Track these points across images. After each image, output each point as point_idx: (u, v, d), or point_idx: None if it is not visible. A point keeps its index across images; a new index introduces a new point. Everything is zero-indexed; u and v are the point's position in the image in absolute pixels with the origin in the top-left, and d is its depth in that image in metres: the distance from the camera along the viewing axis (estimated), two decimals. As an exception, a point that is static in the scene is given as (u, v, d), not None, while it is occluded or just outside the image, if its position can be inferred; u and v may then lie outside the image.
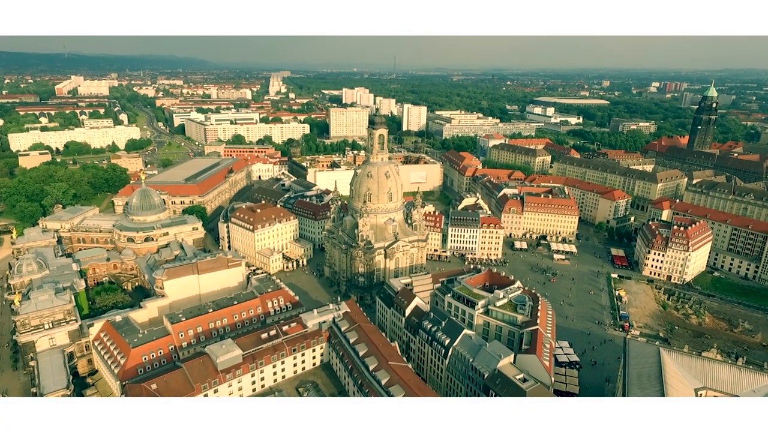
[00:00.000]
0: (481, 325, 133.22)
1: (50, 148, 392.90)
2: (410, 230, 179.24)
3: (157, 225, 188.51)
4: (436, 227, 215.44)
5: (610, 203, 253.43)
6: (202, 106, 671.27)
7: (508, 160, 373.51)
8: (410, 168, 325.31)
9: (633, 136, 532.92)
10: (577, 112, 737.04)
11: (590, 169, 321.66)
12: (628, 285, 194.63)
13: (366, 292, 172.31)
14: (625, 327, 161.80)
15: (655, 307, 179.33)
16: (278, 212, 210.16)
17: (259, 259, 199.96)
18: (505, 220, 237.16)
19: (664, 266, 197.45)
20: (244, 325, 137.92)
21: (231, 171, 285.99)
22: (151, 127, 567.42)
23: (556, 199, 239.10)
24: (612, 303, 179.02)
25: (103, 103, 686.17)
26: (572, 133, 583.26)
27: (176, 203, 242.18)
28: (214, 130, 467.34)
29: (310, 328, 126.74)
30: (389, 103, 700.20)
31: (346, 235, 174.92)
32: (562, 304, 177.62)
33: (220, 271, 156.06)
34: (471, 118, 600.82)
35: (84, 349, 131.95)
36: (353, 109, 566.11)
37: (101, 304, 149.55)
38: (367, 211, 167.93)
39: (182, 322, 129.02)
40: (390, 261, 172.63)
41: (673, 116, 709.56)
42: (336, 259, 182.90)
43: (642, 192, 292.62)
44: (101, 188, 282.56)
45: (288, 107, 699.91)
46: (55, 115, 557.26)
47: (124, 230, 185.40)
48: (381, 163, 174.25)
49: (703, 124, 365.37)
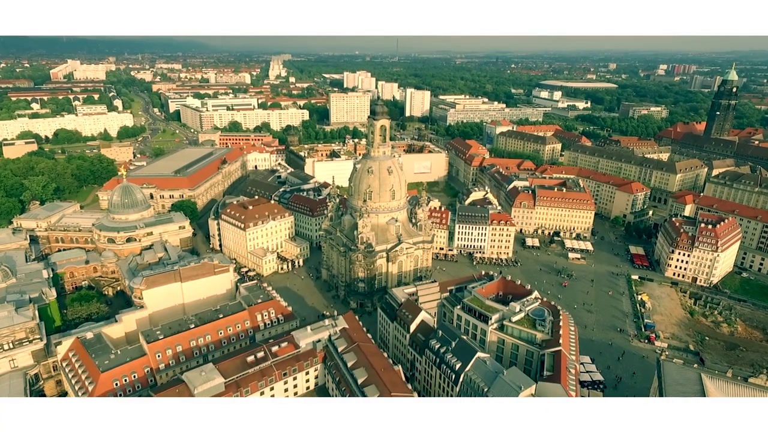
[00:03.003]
0: (495, 343, 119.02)
1: (38, 137, 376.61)
2: (414, 230, 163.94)
3: (140, 224, 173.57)
4: (442, 224, 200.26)
5: (627, 196, 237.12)
6: (199, 91, 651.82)
7: (516, 148, 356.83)
8: (414, 157, 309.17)
9: (644, 121, 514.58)
10: (585, 96, 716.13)
11: (604, 159, 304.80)
12: (651, 288, 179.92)
13: (366, 298, 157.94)
14: (651, 338, 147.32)
15: (682, 314, 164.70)
16: (272, 208, 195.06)
17: (252, 259, 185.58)
18: (515, 216, 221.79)
19: (690, 267, 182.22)
20: (230, 341, 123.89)
21: (224, 162, 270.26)
22: (147, 114, 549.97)
23: (570, 192, 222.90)
24: (634, 309, 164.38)
25: (99, 89, 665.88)
26: (581, 119, 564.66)
27: (165, 197, 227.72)
28: (210, 116, 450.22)
29: (303, 348, 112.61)
30: (391, 87, 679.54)
31: (344, 236, 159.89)
32: (576, 308, 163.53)
33: (205, 278, 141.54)
34: (476, 103, 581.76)
35: (52, 370, 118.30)
36: (354, 94, 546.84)
37: (73, 316, 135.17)
38: (368, 210, 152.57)
39: (160, 341, 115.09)
40: (393, 265, 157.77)
41: (684, 100, 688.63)
42: (334, 262, 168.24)
43: (659, 183, 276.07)
44: (87, 180, 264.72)
45: (288, 92, 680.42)
46: (47, 101, 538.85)
47: (104, 230, 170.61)
48: (382, 157, 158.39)
49: (722, 110, 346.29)
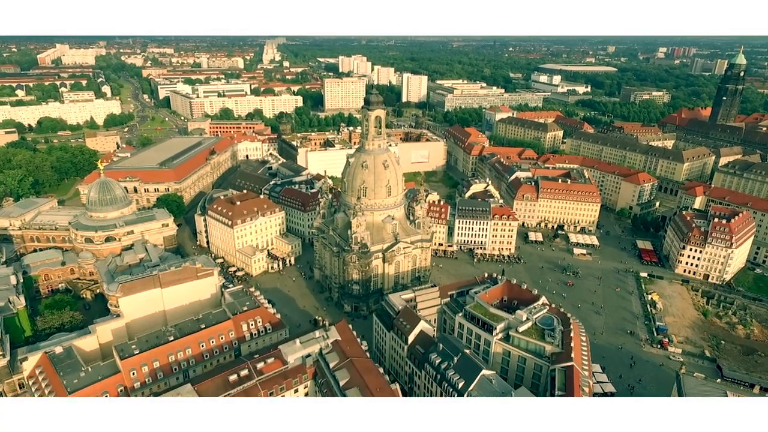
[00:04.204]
0: (500, 354, 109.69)
1: (21, 126, 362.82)
2: (412, 228, 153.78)
3: (120, 222, 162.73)
4: (441, 219, 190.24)
5: (633, 187, 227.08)
6: (190, 76, 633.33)
7: (517, 135, 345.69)
8: (411, 146, 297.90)
9: (646, 106, 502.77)
10: (585, 81, 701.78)
11: (607, 147, 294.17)
12: (661, 286, 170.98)
13: (361, 301, 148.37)
14: (664, 343, 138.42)
15: (695, 315, 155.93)
16: (261, 204, 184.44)
17: (240, 258, 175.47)
18: (517, 208, 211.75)
19: (702, 264, 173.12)
20: (213, 354, 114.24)
21: (213, 152, 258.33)
22: (136, 101, 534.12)
23: (575, 184, 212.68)
24: (645, 310, 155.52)
25: (87, 74, 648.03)
26: (581, 104, 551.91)
27: (149, 191, 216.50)
28: (200, 103, 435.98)
29: (291, 363, 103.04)
30: (388, 72, 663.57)
31: (337, 235, 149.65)
32: (582, 308, 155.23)
33: (187, 283, 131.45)
34: (474, 88, 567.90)
35: (17, 388, 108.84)
36: (349, 79, 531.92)
37: (44, 327, 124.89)
38: (362, 208, 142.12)
39: (135, 356, 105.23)
40: (389, 266, 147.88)
41: (685, 84, 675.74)
42: (327, 262, 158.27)
43: (666, 172, 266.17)
44: (68, 173, 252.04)
45: (281, 77, 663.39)
46: (33, 87, 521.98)
47: (81, 229, 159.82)
48: (378, 151, 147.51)
49: (728, 95, 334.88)
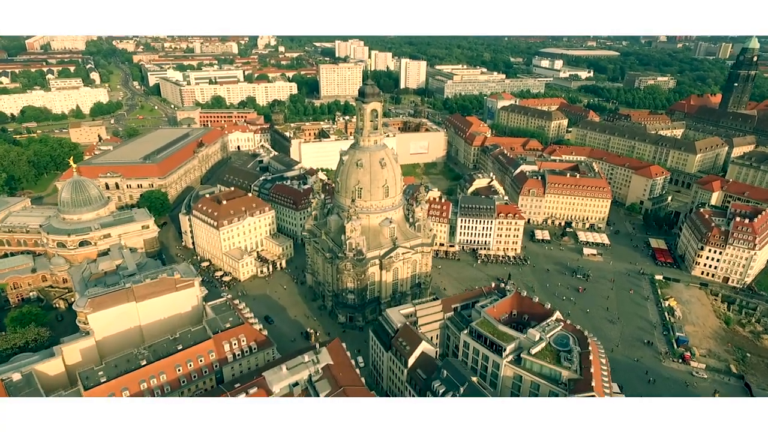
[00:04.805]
0: (510, 379, 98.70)
1: (3, 115, 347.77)
2: (412, 232, 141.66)
3: (95, 225, 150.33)
4: (442, 217, 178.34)
5: (645, 181, 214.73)
6: (182, 62, 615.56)
7: (520, 124, 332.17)
8: (410, 136, 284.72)
9: (651, 92, 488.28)
10: (587, 65, 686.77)
11: (615, 136, 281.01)
12: (678, 290, 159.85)
13: (357, 311, 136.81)
14: (686, 357, 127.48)
15: (716, 324, 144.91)
16: (250, 202, 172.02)
17: (227, 262, 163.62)
18: (522, 204, 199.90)
19: (722, 266, 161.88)
20: (191, 380, 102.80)
21: (201, 144, 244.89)
22: (126, 88, 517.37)
23: (585, 179, 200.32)
24: (662, 318, 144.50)
25: (76, 60, 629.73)
26: (584, 90, 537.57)
27: (132, 187, 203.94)
28: (191, 91, 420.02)
29: (276, 392, 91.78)
30: (385, 57, 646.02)
31: (330, 240, 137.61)
32: (591, 313, 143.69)
33: (165, 296, 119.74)
34: (474, 74, 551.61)
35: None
36: (346, 65, 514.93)
37: (5, 347, 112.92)
38: (357, 212, 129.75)
39: (101, 386, 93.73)
40: (387, 273, 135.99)
41: (690, 69, 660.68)
42: (319, 267, 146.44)
43: (677, 164, 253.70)
44: (47, 168, 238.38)
45: (276, 62, 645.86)
46: (19, 74, 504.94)
47: (52, 233, 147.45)
48: (374, 147, 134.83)
49: (740, 81, 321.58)
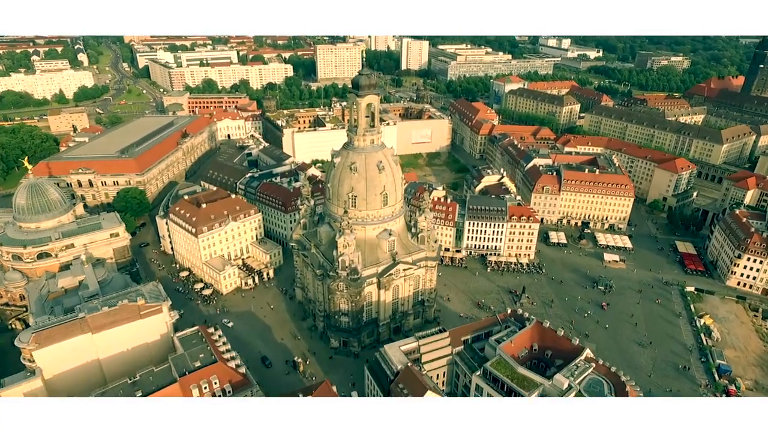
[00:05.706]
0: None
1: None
2: (414, 244, 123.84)
3: (56, 234, 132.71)
4: (447, 220, 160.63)
5: (669, 175, 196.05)
6: (174, 42, 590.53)
7: (529, 110, 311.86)
8: (411, 124, 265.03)
9: (665, 73, 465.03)
10: (595, 44, 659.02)
11: (632, 124, 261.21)
12: (712, 304, 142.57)
13: (352, 335, 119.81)
14: (731, 392, 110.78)
15: (760, 346, 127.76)
16: (233, 205, 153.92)
17: (208, 272, 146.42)
18: (535, 203, 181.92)
19: (761, 277, 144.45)
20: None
21: (185, 135, 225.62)
22: (115, 70, 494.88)
23: (605, 175, 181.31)
24: (697, 339, 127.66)
25: (64, 40, 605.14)
26: (594, 70, 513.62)
27: (107, 185, 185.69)
28: (180, 74, 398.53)
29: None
30: (386, 36, 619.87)
31: (321, 254, 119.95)
32: (609, 329, 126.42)
33: (127, 325, 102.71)
34: (479, 54, 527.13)
35: None
36: (344, 45, 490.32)
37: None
38: (350, 224, 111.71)
39: (38, 449, 77.27)
40: (386, 292, 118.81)
41: (703, 47, 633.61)
42: (309, 283, 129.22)
43: (701, 154, 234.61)
44: (17, 161, 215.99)
45: (272, 42, 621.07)
46: (3, 56, 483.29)
47: (6, 244, 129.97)
48: (371, 148, 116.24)
49: (766, 63, 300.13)
